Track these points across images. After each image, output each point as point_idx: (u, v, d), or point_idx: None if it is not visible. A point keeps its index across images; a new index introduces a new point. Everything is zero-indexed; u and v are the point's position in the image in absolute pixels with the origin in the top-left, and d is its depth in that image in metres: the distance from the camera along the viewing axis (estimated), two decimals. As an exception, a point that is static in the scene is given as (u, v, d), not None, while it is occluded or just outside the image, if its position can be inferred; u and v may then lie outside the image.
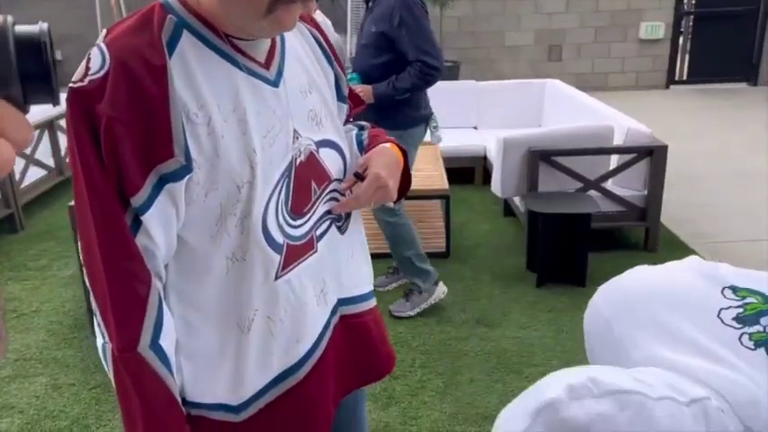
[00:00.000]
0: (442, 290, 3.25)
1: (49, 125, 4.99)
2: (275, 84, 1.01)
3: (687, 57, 8.83)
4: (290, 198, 1.02)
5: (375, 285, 3.36)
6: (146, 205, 0.91)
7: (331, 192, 1.10)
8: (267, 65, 1.00)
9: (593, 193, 3.70)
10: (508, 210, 4.43)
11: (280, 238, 1.02)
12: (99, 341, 0.98)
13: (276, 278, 1.03)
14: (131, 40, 0.90)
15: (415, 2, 2.80)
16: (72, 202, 3.02)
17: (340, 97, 1.18)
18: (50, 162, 5.05)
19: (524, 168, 3.74)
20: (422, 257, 3.18)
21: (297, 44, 1.09)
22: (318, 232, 1.09)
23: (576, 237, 3.40)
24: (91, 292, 0.96)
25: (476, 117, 5.64)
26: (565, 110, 4.96)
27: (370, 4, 2.95)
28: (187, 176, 0.91)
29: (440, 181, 3.94)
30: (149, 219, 0.91)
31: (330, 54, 1.16)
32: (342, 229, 1.15)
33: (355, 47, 3.13)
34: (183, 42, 0.93)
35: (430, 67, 2.79)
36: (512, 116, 5.44)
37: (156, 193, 0.91)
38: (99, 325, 0.96)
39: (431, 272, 3.20)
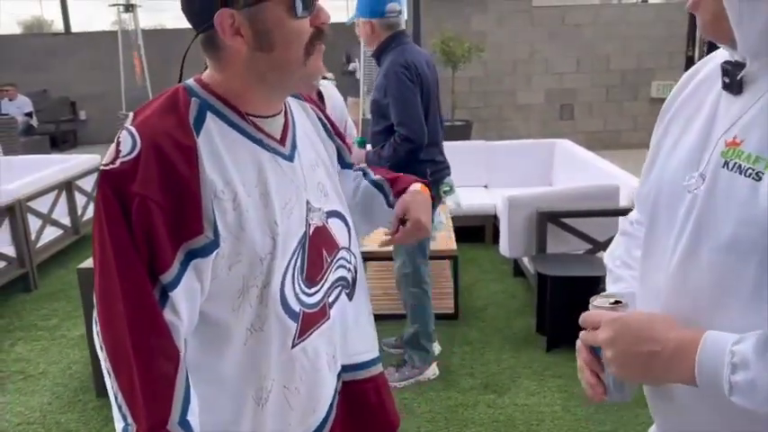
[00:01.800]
0: (433, 371, 3.21)
1: (67, 185, 5.12)
2: (290, 158, 1.08)
3: (699, 114, 8.87)
4: (305, 267, 1.06)
5: (383, 344, 3.37)
6: (174, 282, 0.92)
7: (340, 259, 1.15)
8: (282, 140, 1.08)
9: (602, 254, 3.67)
10: (518, 269, 4.40)
11: (296, 307, 1.05)
12: (119, 425, 0.95)
13: (293, 347, 1.06)
14: (160, 122, 0.95)
15: (398, 72, 2.79)
16: (82, 264, 3.07)
17: (344, 165, 1.28)
18: (67, 221, 5.15)
19: (531, 229, 3.73)
20: (429, 337, 3.17)
21: (304, 121, 1.17)
22: (330, 299, 1.12)
23: (585, 300, 3.34)
24: (112, 375, 0.94)
25: (486, 176, 5.67)
26: (574, 169, 4.97)
27: (379, 68, 3.03)
28: (215, 252, 0.94)
29: (448, 241, 3.94)
30: (177, 295, 0.93)
31: (330, 128, 1.24)
32: (350, 296, 1.19)
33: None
34: (207, 123, 0.98)
35: (404, 139, 2.79)
36: (522, 175, 5.47)
37: (184, 269, 0.93)
38: (120, 407, 0.94)
39: (430, 352, 3.19)
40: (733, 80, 0.85)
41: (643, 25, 8.50)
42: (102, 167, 0.93)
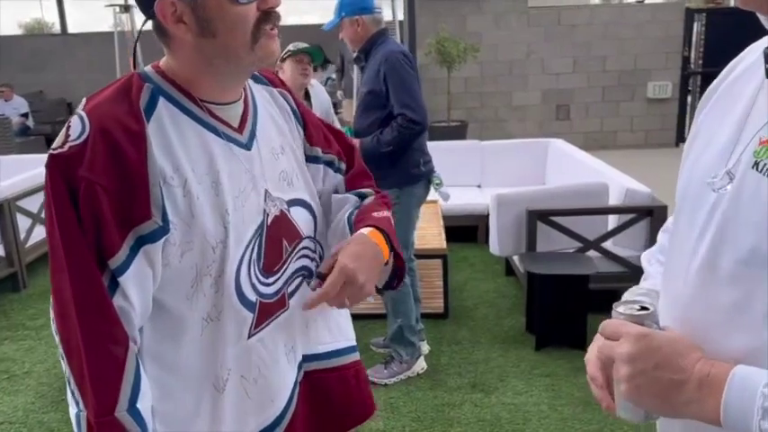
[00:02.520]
0: (421, 365, 3.19)
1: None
2: (247, 146, 1.06)
3: (696, 115, 8.84)
4: (263, 256, 1.05)
5: (371, 344, 3.36)
6: (123, 267, 0.92)
7: (303, 249, 1.13)
8: (240, 129, 1.06)
9: (592, 253, 3.64)
10: (510, 269, 4.37)
11: (252, 296, 1.04)
12: (72, 410, 0.96)
13: (249, 337, 1.05)
14: (111, 107, 0.95)
15: (399, 58, 2.86)
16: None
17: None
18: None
19: (521, 227, 3.70)
20: (412, 330, 3.14)
21: (269, 108, 1.15)
22: (290, 289, 1.11)
23: (574, 298, 3.32)
24: (64, 359, 0.95)
25: (479, 176, 5.65)
26: (567, 169, 4.95)
27: (363, 65, 3.02)
28: (164, 237, 0.94)
29: (438, 240, 3.92)
30: (126, 280, 0.93)
31: (301, 115, 1.20)
32: (314, 286, 1.14)
33: None
34: (159, 109, 0.98)
35: (410, 121, 2.82)
36: (515, 175, 5.44)
37: (133, 254, 0.93)
38: (73, 393, 0.95)
39: (416, 345, 3.17)
40: None
41: (639, 26, 8.48)
42: (50, 151, 0.92)
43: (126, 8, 9.32)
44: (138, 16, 8.80)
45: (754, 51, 0.85)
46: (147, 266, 0.94)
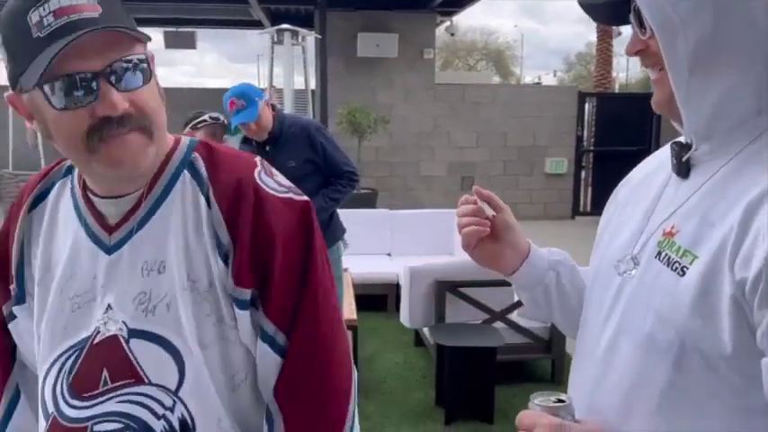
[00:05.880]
0: None
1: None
2: (109, 251, 0.91)
3: (590, 189, 9.46)
4: (73, 374, 0.90)
5: None
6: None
7: (135, 395, 0.88)
8: (115, 228, 0.92)
9: (499, 324, 3.71)
10: (419, 340, 4.36)
11: (50, 407, 0.91)
12: None
13: None
14: (31, 180, 1.01)
15: (321, 127, 3.24)
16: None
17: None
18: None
19: (431, 298, 3.73)
20: None
21: (179, 216, 0.91)
22: (97, 428, 0.88)
23: (482, 370, 3.34)
24: None
25: (389, 245, 5.70)
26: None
27: (268, 148, 3.04)
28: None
29: (349, 311, 3.86)
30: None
31: (234, 250, 0.90)
32: None
33: None
34: (52, 193, 0.97)
35: (354, 176, 3.19)
36: (424, 244, 5.53)
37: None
38: None
39: None
40: (680, 162, 0.79)
41: (537, 105, 9.08)
42: None
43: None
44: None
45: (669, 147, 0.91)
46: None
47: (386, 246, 5.69)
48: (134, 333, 0.89)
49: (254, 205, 0.90)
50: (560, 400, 0.82)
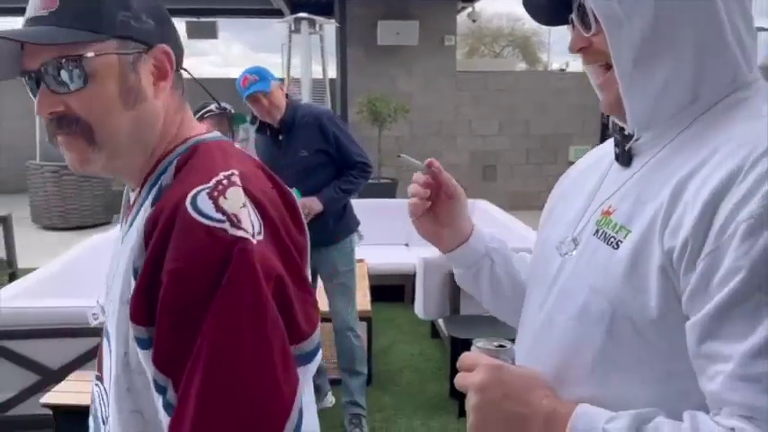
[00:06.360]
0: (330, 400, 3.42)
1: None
2: (121, 239, 0.89)
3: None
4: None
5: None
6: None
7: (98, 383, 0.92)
8: (127, 216, 0.91)
9: (515, 316, 3.65)
10: (435, 331, 4.33)
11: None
12: None
13: None
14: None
15: (334, 116, 3.13)
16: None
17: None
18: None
19: (446, 290, 3.68)
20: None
21: (139, 221, 0.82)
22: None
23: (497, 363, 3.29)
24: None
25: (407, 235, 5.65)
26: (492, 229, 5.02)
27: (281, 137, 2.99)
28: None
29: (363, 302, 3.83)
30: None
31: (158, 259, 0.75)
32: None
33: None
34: None
35: (368, 167, 3.10)
36: (442, 235, 5.47)
37: None
38: None
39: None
40: (622, 151, 0.84)
41: (561, 92, 8.91)
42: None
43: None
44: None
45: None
46: None
47: (404, 236, 5.64)
48: (104, 332, 0.89)
49: (164, 230, 0.74)
50: (501, 346, 0.86)
